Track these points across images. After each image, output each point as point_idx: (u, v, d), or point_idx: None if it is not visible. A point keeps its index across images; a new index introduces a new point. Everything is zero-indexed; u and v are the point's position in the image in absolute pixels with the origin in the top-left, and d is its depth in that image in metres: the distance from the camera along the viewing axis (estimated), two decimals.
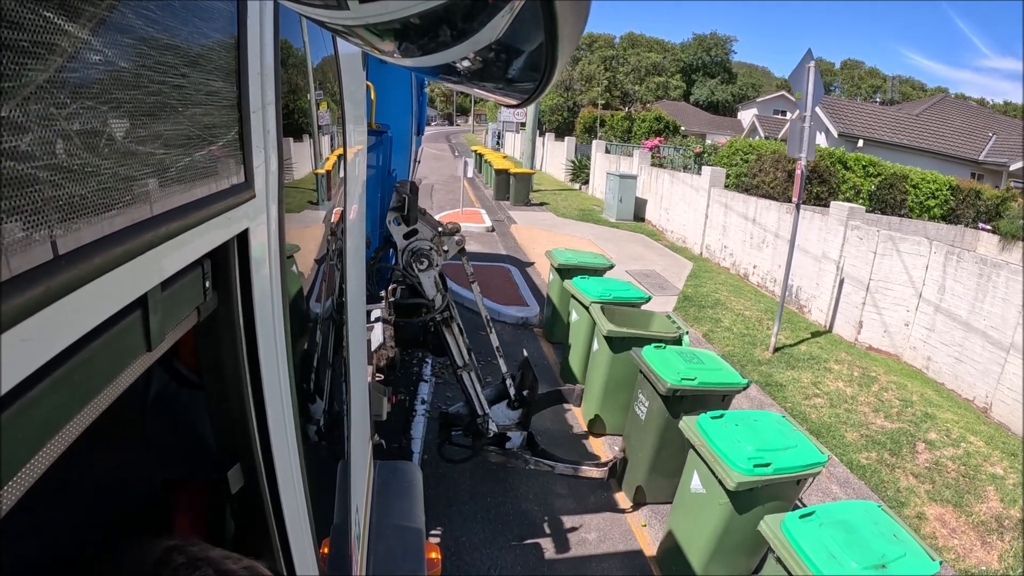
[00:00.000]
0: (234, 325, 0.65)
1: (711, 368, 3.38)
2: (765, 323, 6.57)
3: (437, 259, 2.99)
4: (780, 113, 29.03)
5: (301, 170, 0.98)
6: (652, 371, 3.29)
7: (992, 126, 18.88)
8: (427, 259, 2.96)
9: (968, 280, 5.30)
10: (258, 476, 0.73)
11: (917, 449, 4.31)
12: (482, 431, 3.26)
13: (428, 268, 2.98)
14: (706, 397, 3.26)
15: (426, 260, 2.95)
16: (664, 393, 3.19)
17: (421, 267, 2.96)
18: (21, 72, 0.30)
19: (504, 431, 3.34)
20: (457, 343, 3.14)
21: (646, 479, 3.47)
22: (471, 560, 2.99)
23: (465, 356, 3.17)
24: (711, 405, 3.19)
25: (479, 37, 0.47)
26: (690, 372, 3.25)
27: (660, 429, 3.31)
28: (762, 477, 2.51)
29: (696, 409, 3.06)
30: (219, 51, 0.57)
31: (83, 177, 0.35)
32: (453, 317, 3.09)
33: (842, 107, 18.28)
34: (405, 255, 2.97)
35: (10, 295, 0.29)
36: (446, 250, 3.02)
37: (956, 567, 3.26)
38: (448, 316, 3.07)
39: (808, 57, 5.35)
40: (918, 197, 10.21)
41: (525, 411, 3.38)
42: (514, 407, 3.36)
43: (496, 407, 3.33)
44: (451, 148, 30.52)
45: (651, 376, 3.29)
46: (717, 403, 3.30)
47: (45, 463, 0.34)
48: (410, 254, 2.96)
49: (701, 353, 3.59)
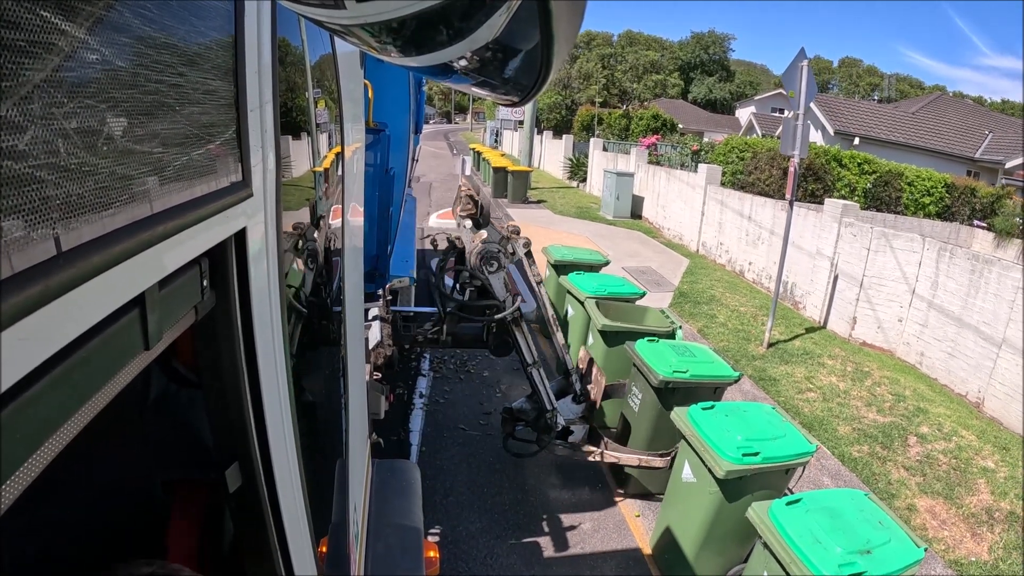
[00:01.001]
0: (232, 324, 0.65)
1: (703, 361, 3.42)
2: (760, 319, 6.60)
3: (505, 261, 3.07)
4: (778, 111, 29.08)
5: (299, 169, 0.98)
6: (645, 364, 3.32)
7: (989, 124, 18.98)
8: (496, 261, 3.04)
9: (961, 276, 5.34)
10: (256, 475, 0.73)
11: (909, 443, 4.35)
12: (550, 426, 3.31)
13: (497, 270, 3.07)
14: (698, 389, 3.29)
15: (495, 262, 3.05)
16: (656, 385, 3.22)
17: (491, 269, 3.06)
18: (19, 71, 0.30)
19: (568, 425, 3.39)
20: (527, 341, 3.25)
21: (638, 470, 3.50)
22: (468, 549, 3.02)
23: (534, 353, 3.26)
24: (703, 397, 3.22)
25: (476, 36, 0.47)
26: (682, 365, 3.28)
27: (653, 421, 3.35)
28: (751, 466, 2.56)
29: (688, 401, 3.10)
30: (216, 50, 0.57)
31: (80, 176, 0.35)
32: (523, 316, 3.16)
33: (839, 105, 18.33)
34: (474, 257, 3.07)
35: (8, 294, 0.29)
36: (512, 252, 3.14)
37: (945, 558, 3.30)
38: (518, 315, 3.15)
39: (801, 56, 5.36)
40: (913, 194, 10.26)
41: (588, 405, 3.45)
42: (579, 401, 3.45)
43: (560, 402, 3.40)
44: (449, 146, 30.45)
45: (644, 369, 3.32)
46: (709, 395, 3.33)
47: (43, 461, 0.35)
48: (480, 257, 3.06)
49: (693, 347, 3.63)
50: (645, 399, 3.40)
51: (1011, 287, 4.85)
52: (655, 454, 3.50)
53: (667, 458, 3.50)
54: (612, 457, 3.45)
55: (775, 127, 20.09)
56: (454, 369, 5.12)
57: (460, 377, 5.00)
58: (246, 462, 0.72)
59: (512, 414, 3.47)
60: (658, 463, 3.48)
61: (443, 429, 4.16)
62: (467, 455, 3.86)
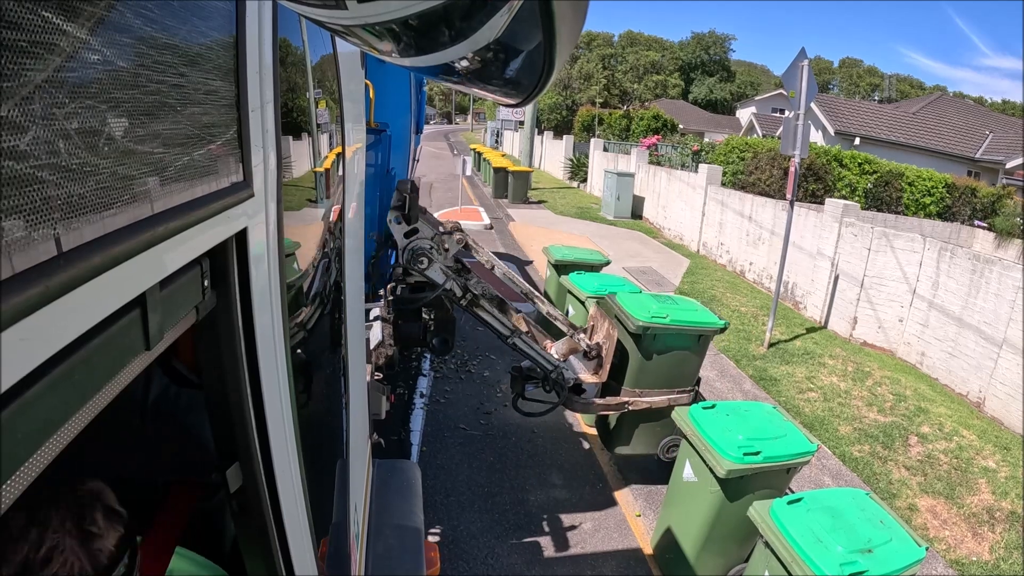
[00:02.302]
0: (233, 324, 0.65)
1: (685, 309, 3.35)
2: (760, 319, 6.60)
3: (438, 258, 2.99)
4: (778, 111, 29.06)
5: (300, 169, 0.98)
6: (624, 311, 3.24)
7: (989, 124, 18.96)
8: (427, 258, 2.96)
9: (961, 276, 5.34)
10: (257, 475, 0.73)
11: (910, 442, 4.35)
12: (560, 383, 3.21)
13: (428, 267, 2.99)
14: (679, 335, 3.20)
15: (426, 259, 2.96)
16: (634, 331, 3.15)
17: (421, 266, 2.96)
18: (21, 72, 0.30)
19: (580, 382, 3.29)
20: (493, 317, 3.12)
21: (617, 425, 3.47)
22: (469, 549, 3.02)
23: (507, 324, 3.13)
24: (685, 345, 3.15)
25: (478, 37, 0.47)
26: (662, 311, 3.20)
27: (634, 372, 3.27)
28: (752, 465, 2.56)
29: (669, 349, 3.05)
30: (218, 50, 0.57)
31: (81, 176, 0.35)
32: (478, 295, 3.06)
33: (839, 105, 18.32)
34: (405, 254, 2.97)
35: (10, 294, 0.29)
36: (447, 249, 3.01)
37: (947, 557, 3.29)
38: (472, 297, 3.06)
39: (801, 56, 5.36)
40: (914, 195, 10.26)
41: (600, 360, 3.31)
42: (590, 357, 3.31)
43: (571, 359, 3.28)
44: (450, 146, 30.45)
45: (622, 316, 3.24)
46: (692, 343, 3.24)
47: (44, 461, 0.34)
48: (410, 253, 2.96)
49: (678, 298, 3.56)
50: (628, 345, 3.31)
51: (1012, 287, 4.85)
52: (682, 390, 3.38)
53: (692, 393, 3.43)
54: (644, 403, 3.33)
55: (776, 127, 20.07)
56: (455, 369, 5.12)
57: (460, 377, 5.00)
58: (247, 462, 0.72)
59: (522, 372, 3.38)
60: (684, 400, 3.39)
61: (444, 429, 4.16)
62: (468, 455, 3.86)
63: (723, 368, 5.54)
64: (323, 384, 1.31)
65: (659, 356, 3.25)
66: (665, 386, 3.36)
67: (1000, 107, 39.25)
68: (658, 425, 3.46)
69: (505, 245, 9.75)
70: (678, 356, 3.34)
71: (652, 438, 3.49)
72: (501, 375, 5.08)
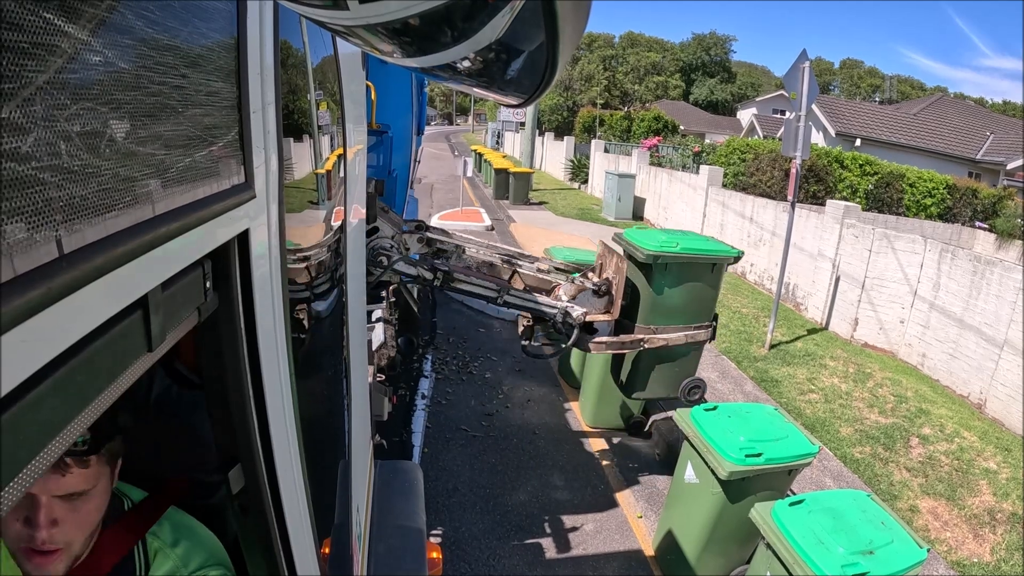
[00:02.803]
0: (235, 325, 0.65)
1: (695, 239, 3.26)
2: (761, 320, 6.59)
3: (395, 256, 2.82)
4: (779, 112, 29.05)
5: (301, 170, 0.98)
6: (632, 243, 3.15)
7: (990, 125, 18.95)
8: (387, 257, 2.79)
9: (962, 278, 5.33)
10: (259, 476, 0.73)
11: (911, 444, 4.34)
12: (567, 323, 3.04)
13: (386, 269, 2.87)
14: (692, 265, 3.10)
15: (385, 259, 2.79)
16: (644, 261, 3.05)
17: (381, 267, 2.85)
18: (22, 73, 0.29)
19: (592, 321, 3.13)
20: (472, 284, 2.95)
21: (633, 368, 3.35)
22: (470, 550, 3.02)
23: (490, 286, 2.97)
24: (699, 275, 3.06)
25: (479, 37, 0.47)
26: (672, 241, 3.12)
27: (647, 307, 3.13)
28: (754, 467, 2.55)
29: (683, 281, 2.96)
30: (219, 51, 0.57)
31: (83, 178, 0.35)
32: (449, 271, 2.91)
33: (840, 106, 18.32)
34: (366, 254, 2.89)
35: (11, 296, 0.29)
36: (408, 248, 2.90)
37: (948, 559, 3.29)
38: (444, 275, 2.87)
39: (803, 57, 5.37)
40: (915, 196, 10.25)
41: (610, 297, 3.14)
42: (600, 294, 3.15)
43: (581, 296, 3.14)
44: (451, 147, 30.49)
45: (631, 248, 3.14)
46: (706, 273, 3.14)
47: (46, 464, 0.34)
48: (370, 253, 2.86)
49: (687, 231, 3.48)
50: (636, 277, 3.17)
51: (1012, 288, 4.84)
52: (699, 326, 3.22)
53: (710, 329, 3.28)
54: (661, 340, 3.15)
55: (776, 128, 20.07)
56: (456, 370, 5.12)
57: (462, 378, 5.00)
58: (249, 463, 0.72)
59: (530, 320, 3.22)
60: (702, 336, 3.26)
61: (445, 430, 4.16)
62: (469, 456, 3.86)
63: (724, 369, 5.54)
64: (325, 385, 1.31)
65: (672, 289, 3.08)
66: (681, 322, 3.17)
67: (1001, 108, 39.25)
68: (676, 366, 3.26)
69: (506, 246, 9.76)
70: (692, 288, 3.14)
71: (671, 380, 3.29)
72: (503, 377, 5.08)
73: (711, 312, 3.27)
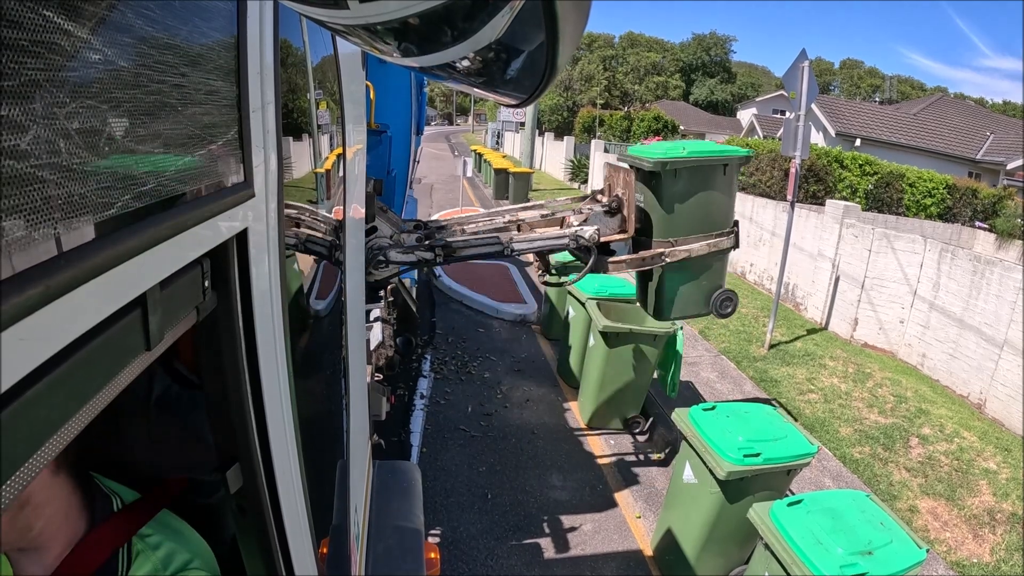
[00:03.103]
0: (233, 325, 0.65)
1: (701, 144, 3.07)
2: (761, 320, 6.59)
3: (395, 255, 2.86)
4: (779, 113, 29.06)
5: (301, 170, 0.98)
6: (637, 157, 2.97)
7: (990, 125, 18.97)
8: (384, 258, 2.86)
9: (962, 278, 5.33)
10: (257, 476, 0.73)
11: (910, 444, 4.34)
12: (584, 246, 2.93)
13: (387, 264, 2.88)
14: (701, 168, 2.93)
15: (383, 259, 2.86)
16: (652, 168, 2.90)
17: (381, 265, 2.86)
18: (22, 71, 0.29)
19: (608, 242, 3.01)
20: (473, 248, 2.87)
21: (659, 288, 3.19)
22: (468, 550, 3.02)
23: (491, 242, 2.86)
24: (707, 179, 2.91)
25: (479, 37, 0.47)
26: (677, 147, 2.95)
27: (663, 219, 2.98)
28: (752, 467, 2.55)
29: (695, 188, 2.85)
30: (219, 50, 0.57)
31: (82, 176, 0.35)
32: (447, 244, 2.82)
33: (840, 106, 18.33)
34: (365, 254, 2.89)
35: (9, 294, 0.29)
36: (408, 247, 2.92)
37: (947, 559, 3.29)
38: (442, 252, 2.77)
39: (802, 57, 5.37)
40: (915, 196, 10.26)
41: (624, 216, 3.04)
42: (612, 213, 3.04)
43: (592, 218, 3.02)
44: (450, 147, 30.49)
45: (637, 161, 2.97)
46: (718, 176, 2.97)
47: (44, 462, 0.34)
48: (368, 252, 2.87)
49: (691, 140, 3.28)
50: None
51: (1012, 288, 4.84)
52: (721, 233, 3.06)
53: (732, 235, 3.11)
54: (683, 252, 3.01)
55: (776, 128, 20.09)
56: (455, 370, 5.12)
57: (461, 378, 5.00)
58: (247, 463, 0.72)
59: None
60: (726, 243, 3.09)
61: (444, 430, 4.16)
62: (468, 456, 3.86)
63: (724, 369, 5.54)
64: (323, 385, 1.31)
65: (685, 196, 2.95)
66: (700, 231, 3.02)
67: (1001, 108, 39.27)
68: (704, 279, 3.11)
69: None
70: (706, 195, 2.99)
71: (701, 295, 3.15)
72: (501, 376, 5.08)
73: (730, 219, 3.09)
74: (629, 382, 4.14)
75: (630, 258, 3.03)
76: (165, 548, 0.86)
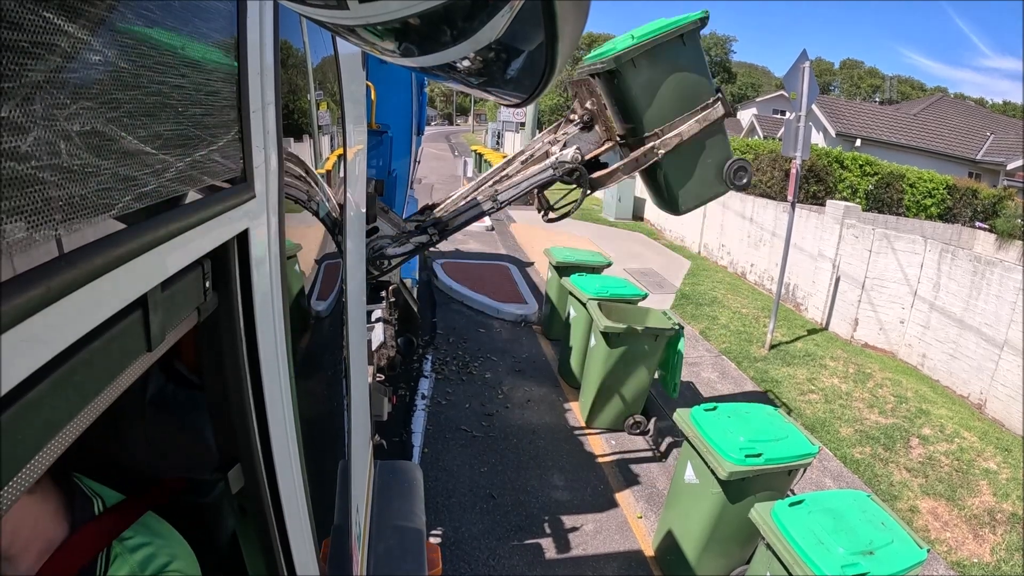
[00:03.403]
0: (234, 325, 0.65)
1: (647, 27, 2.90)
2: (762, 321, 6.59)
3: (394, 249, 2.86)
4: (779, 113, 29.03)
5: (301, 170, 0.98)
6: (592, 63, 2.93)
7: (990, 126, 18.96)
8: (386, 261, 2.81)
9: (962, 278, 5.33)
10: (259, 476, 0.73)
11: (911, 444, 4.34)
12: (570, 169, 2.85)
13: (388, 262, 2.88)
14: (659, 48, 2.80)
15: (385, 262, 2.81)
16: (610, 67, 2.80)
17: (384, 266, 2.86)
18: (22, 72, 0.29)
19: (595, 155, 2.94)
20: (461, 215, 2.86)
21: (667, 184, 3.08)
22: (470, 550, 3.02)
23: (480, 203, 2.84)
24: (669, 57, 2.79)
25: (479, 37, 0.47)
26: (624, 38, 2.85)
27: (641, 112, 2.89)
28: (754, 467, 2.55)
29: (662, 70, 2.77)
30: (219, 51, 0.57)
31: (83, 177, 0.35)
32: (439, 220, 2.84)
33: (840, 107, 18.32)
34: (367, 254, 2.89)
35: (11, 295, 0.29)
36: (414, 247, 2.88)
37: (948, 559, 3.28)
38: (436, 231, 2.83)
39: (803, 58, 5.37)
40: (915, 196, 10.26)
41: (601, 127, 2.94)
42: (588, 127, 2.95)
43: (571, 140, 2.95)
44: (451, 148, 30.48)
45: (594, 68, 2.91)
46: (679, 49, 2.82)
47: (45, 463, 0.34)
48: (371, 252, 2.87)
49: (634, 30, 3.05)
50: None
51: (1013, 289, 4.84)
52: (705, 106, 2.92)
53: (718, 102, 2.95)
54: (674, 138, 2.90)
55: (776, 129, 20.07)
56: (456, 371, 5.12)
57: (462, 379, 5.00)
58: (249, 463, 0.72)
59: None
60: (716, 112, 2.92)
61: (445, 431, 4.16)
62: (469, 456, 3.86)
63: (724, 370, 5.54)
64: (325, 385, 1.31)
65: (654, 83, 2.80)
66: (683, 110, 2.88)
67: (1001, 108, 39.26)
68: (708, 157, 2.99)
69: (506, 246, 9.76)
70: (674, 75, 2.85)
71: (711, 173, 3.01)
72: (503, 377, 5.08)
73: (709, 88, 2.93)
74: (630, 382, 4.14)
75: (623, 163, 2.95)
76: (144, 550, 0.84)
